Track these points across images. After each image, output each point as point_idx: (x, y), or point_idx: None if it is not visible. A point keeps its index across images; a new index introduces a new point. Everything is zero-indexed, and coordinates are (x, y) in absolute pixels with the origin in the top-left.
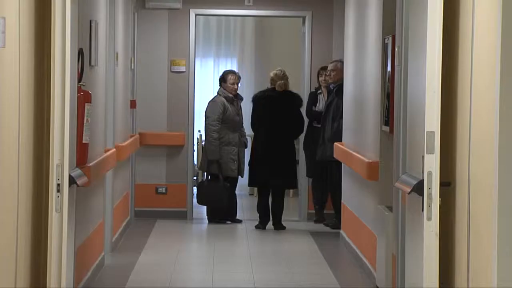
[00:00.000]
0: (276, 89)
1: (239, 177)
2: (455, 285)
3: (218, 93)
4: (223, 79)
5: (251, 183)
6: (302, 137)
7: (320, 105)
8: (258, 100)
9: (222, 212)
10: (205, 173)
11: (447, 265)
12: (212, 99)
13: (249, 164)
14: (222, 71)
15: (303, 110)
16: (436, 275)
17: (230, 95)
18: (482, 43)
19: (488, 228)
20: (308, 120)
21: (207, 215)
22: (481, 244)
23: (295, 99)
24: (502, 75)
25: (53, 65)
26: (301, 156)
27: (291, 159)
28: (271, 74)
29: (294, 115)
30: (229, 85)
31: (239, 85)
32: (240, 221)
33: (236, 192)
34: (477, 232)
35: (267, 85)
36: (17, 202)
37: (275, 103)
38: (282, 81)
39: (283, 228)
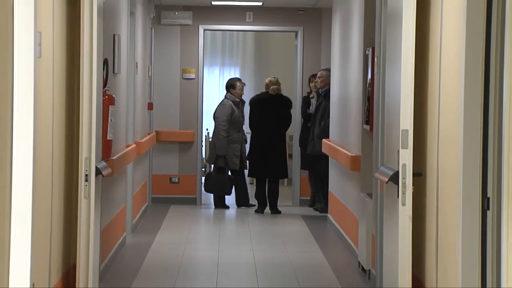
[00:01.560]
0: (270, 92)
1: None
2: (426, 261)
3: (226, 97)
4: (231, 86)
5: (250, 174)
6: (297, 134)
7: (313, 108)
8: (255, 102)
9: (224, 198)
10: (212, 165)
11: (419, 244)
12: (221, 102)
13: (248, 158)
14: (228, 78)
15: (293, 111)
16: (409, 253)
17: (237, 99)
18: (449, 54)
19: (454, 212)
20: (303, 120)
21: (214, 201)
22: (447, 225)
23: (286, 101)
24: (466, 82)
25: (82, 72)
26: (296, 151)
27: (283, 153)
28: (266, 81)
29: (285, 115)
30: (238, 91)
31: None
32: (253, 205)
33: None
34: (444, 215)
35: (262, 90)
36: (51, 190)
37: (269, 105)
38: (276, 86)
39: (279, 212)
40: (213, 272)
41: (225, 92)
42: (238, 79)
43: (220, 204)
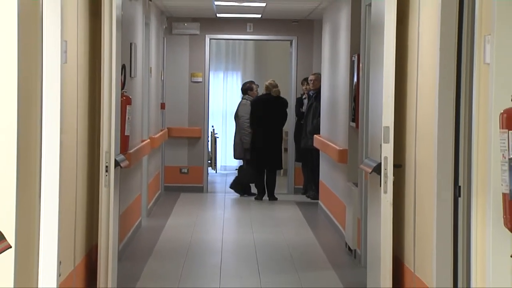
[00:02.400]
0: (273, 94)
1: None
2: (405, 242)
3: (245, 98)
4: (249, 88)
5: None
6: (292, 131)
7: (305, 107)
8: (258, 102)
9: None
10: (242, 159)
11: (398, 227)
12: (241, 103)
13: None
14: (244, 82)
15: (288, 110)
16: (390, 235)
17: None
18: (425, 60)
19: (429, 199)
20: (296, 118)
21: (240, 190)
22: (424, 210)
23: (284, 102)
24: (440, 85)
25: (102, 76)
26: (290, 145)
27: (279, 147)
28: (266, 83)
29: (283, 114)
30: (254, 92)
31: None
32: (254, 194)
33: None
34: (421, 201)
35: (262, 92)
36: (75, 179)
37: (271, 105)
38: (277, 89)
39: (276, 199)
40: (218, 251)
41: (228, 93)
42: (254, 83)
43: (247, 192)
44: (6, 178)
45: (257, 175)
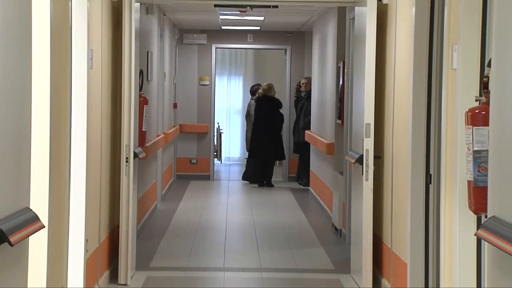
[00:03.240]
0: (273, 96)
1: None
2: (383, 223)
3: (253, 99)
4: (257, 90)
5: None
6: (291, 126)
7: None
8: (257, 102)
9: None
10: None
11: (378, 209)
12: (251, 103)
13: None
14: (253, 85)
15: (285, 109)
16: (370, 217)
17: None
18: (401, 66)
19: (404, 185)
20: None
21: (259, 181)
22: (400, 195)
23: (278, 102)
24: (414, 87)
25: (123, 80)
26: (285, 140)
27: (276, 141)
28: (265, 87)
29: (277, 113)
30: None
31: None
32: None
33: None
34: (397, 188)
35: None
36: (100, 169)
37: (267, 105)
38: (275, 91)
39: (272, 186)
40: (222, 230)
41: (231, 95)
42: (260, 85)
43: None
44: (41, 168)
45: (256, 165)
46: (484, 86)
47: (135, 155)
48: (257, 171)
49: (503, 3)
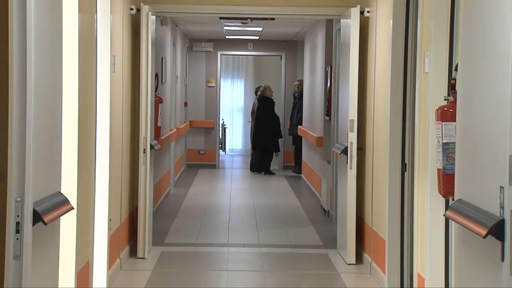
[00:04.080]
0: (270, 96)
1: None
2: (365, 206)
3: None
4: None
5: (253, 148)
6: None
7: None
8: (264, 102)
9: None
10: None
11: (360, 194)
12: (256, 102)
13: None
14: (257, 86)
15: (279, 108)
16: (354, 200)
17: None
18: (380, 71)
19: (383, 173)
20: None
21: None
22: (379, 182)
23: (273, 102)
24: (392, 88)
25: (141, 82)
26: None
27: (270, 136)
28: (262, 88)
29: (272, 112)
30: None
31: None
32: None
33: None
34: (377, 175)
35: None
36: (121, 158)
37: (264, 104)
38: (271, 92)
39: (273, 174)
40: (226, 212)
41: (234, 95)
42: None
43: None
44: (70, 158)
45: (259, 156)
46: (451, 87)
47: (151, 146)
48: (260, 161)
49: (468, 17)
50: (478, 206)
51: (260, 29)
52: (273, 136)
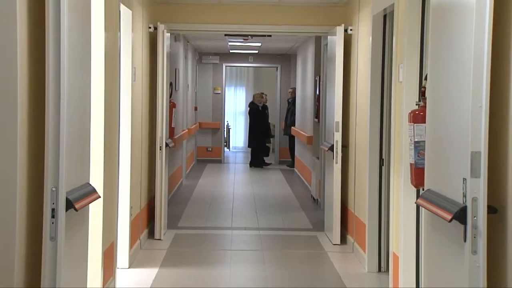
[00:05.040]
0: (257, 103)
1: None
2: (349, 194)
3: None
4: (260, 97)
5: (250, 146)
6: (278, 125)
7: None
8: (252, 107)
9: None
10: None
11: (345, 185)
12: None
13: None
14: (253, 93)
15: (274, 112)
16: (339, 190)
17: (264, 105)
18: (362, 80)
19: (364, 167)
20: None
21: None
22: (361, 174)
23: (259, 108)
24: (371, 94)
25: (157, 89)
26: (277, 134)
27: (263, 135)
28: (257, 94)
29: (260, 116)
30: (264, 100)
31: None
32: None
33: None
34: (359, 168)
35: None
36: (141, 154)
37: (252, 109)
38: (262, 98)
39: (267, 164)
40: (230, 199)
41: (237, 101)
42: (263, 93)
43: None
44: (97, 154)
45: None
46: (422, 94)
47: (166, 144)
48: (258, 156)
49: (435, 34)
50: (444, 195)
51: (259, 44)
52: (262, 137)
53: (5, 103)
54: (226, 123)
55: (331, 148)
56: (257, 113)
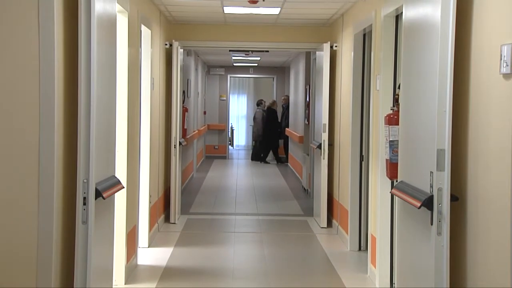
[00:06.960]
0: (264, 107)
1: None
2: (334, 185)
3: (258, 109)
4: (260, 103)
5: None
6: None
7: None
8: (256, 112)
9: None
10: (256, 141)
11: (331, 177)
12: (257, 111)
13: (253, 139)
14: (258, 99)
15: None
16: (325, 181)
17: (265, 109)
18: (345, 88)
19: (346, 162)
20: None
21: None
22: (344, 168)
23: (272, 111)
24: (353, 101)
25: (172, 97)
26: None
27: (270, 136)
28: (271, 102)
29: (271, 118)
30: (263, 105)
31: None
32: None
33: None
34: (343, 163)
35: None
36: (158, 151)
37: (269, 114)
38: (268, 104)
39: (267, 163)
40: (234, 189)
41: (239, 106)
42: (263, 100)
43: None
44: (121, 151)
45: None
46: (395, 100)
47: (180, 143)
48: (258, 153)
49: (406, 50)
50: (415, 185)
51: (259, 58)
52: (276, 136)
53: (45, 110)
54: (230, 125)
55: (319, 146)
56: (275, 116)
